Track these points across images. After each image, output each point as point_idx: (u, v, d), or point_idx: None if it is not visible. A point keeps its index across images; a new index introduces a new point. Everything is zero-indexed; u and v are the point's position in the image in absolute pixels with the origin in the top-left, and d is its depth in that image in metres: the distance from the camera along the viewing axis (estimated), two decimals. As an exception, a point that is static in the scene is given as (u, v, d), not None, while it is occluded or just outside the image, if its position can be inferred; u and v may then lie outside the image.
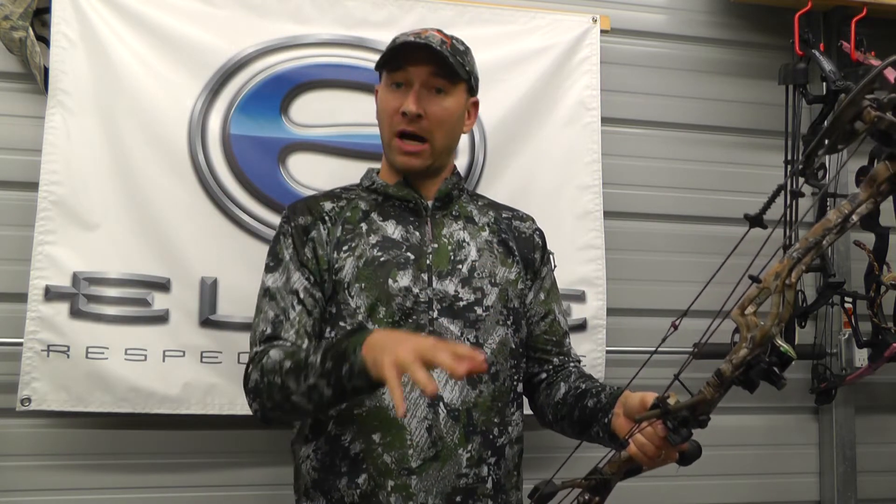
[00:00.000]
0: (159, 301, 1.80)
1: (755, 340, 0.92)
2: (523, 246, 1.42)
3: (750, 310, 0.93)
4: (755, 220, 0.95)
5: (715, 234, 2.25)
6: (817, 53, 2.03)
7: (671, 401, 0.99)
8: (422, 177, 1.37)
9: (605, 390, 1.28)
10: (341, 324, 1.28)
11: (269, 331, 1.27)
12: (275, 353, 1.20)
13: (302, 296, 1.29)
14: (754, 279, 0.92)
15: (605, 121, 2.12)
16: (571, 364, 1.44)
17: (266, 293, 1.32)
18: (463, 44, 1.37)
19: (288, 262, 1.32)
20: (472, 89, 1.40)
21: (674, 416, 0.97)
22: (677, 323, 0.98)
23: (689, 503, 2.07)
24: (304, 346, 1.26)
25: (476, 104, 1.43)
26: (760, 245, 2.36)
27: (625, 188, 2.19)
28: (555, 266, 1.51)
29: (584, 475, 1.06)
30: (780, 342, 0.91)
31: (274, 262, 1.34)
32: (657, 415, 0.98)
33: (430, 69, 1.31)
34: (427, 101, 1.31)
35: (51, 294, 1.75)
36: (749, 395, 0.99)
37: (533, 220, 1.49)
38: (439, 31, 1.34)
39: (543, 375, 1.42)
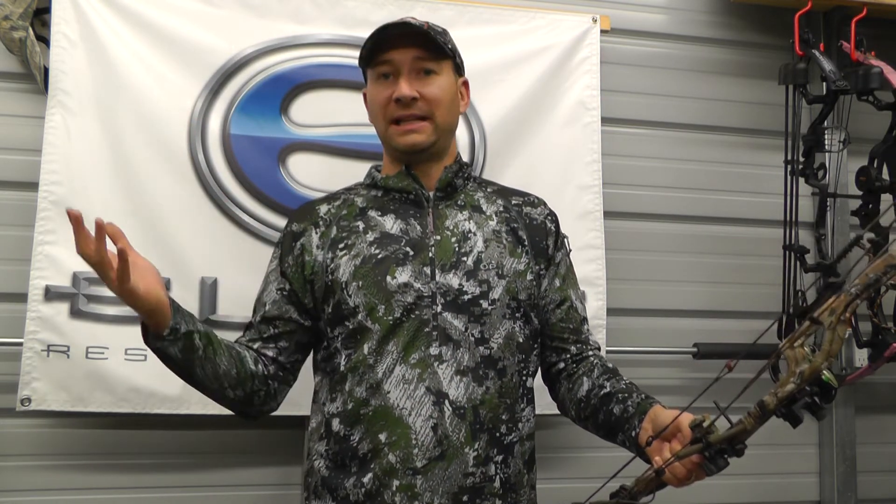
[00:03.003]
0: (159, 301, 1.80)
1: (803, 376, 0.91)
2: (534, 234, 1.38)
3: (798, 343, 0.92)
4: (828, 270, 0.94)
5: (715, 234, 2.25)
6: (817, 53, 2.03)
7: (705, 423, 0.98)
8: (423, 162, 1.35)
9: (632, 397, 1.23)
10: (346, 323, 1.27)
11: (241, 336, 1.36)
12: None
13: (267, 307, 1.33)
14: (814, 321, 0.91)
15: (605, 121, 2.12)
16: (591, 353, 1.39)
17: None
18: (440, 26, 1.36)
19: (270, 273, 1.37)
20: (459, 68, 1.39)
21: (713, 447, 0.97)
22: (732, 364, 0.98)
23: (690, 503, 2.07)
24: (255, 346, 1.33)
25: (466, 84, 1.41)
26: (761, 245, 2.36)
27: (625, 188, 2.19)
28: (570, 249, 1.47)
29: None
30: (823, 370, 0.91)
31: (266, 271, 1.39)
32: (698, 450, 0.98)
33: (414, 52, 1.29)
34: (419, 84, 1.30)
35: (51, 294, 1.75)
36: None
37: (545, 204, 1.45)
38: (413, 19, 1.32)
39: (562, 365, 1.39)
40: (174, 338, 1.15)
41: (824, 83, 2.02)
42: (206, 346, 1.20)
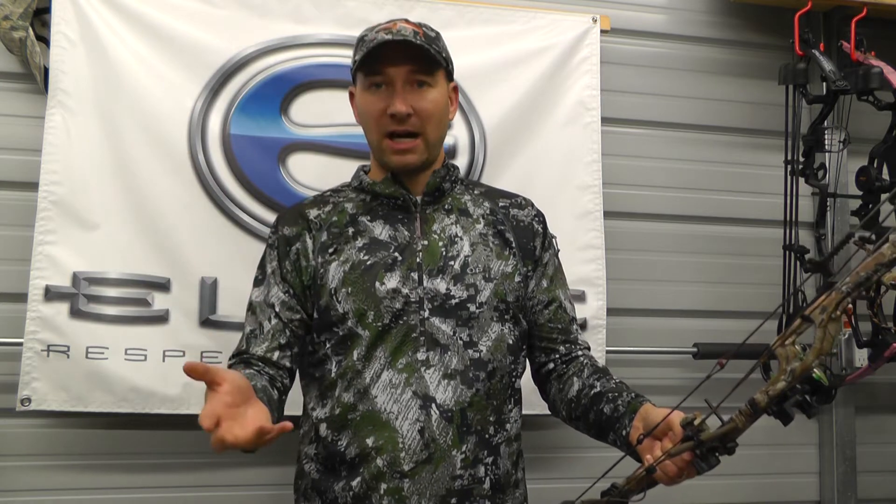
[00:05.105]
0: (159, 301, 1.81)
1: (794, 374, 0.91)
2: (521, 236, 1.38)
3: (790, 341, 0.92)
4: (819, 266, 0.94)
5: (715, 234, 2.25)
6: (817, 53, 2.03)
7: (696, 421, 0.98)
8: (412, 173, 1.34)
9: (622, 396, 1.23)
10: (334, 329, 1.27)
11: (242, 346, 1.31)
12: None
13: (278, 309, 1.30)
14: (805, 318, 0.91)
15: (605, 121, 2.12)
16: (580, 352, 1.39)
17: (249, 307, 1.35)
18: (433, 29, 1.34)
19: (270, 276, 1.34)
20: (450, 74, 1.38)
21: (704, 445, 0.97)
22: (724, 362, 0.98)
23: (689, 503, 2.07)
24: (275, 357, 1.28)
25: (456, 89, 1.40)
26: (761, 245, 2.36)
27: (625, 188, 2.19)
28: (558, 249, 1.47)
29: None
30: (814, 368, 0.91)
31: (260, 276, 1.36)
32: (690, 447, 0.98)
33: (409, 66, 1.28)
34: (413, 98, 1.28)
35: (51, 294, 1.75)
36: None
37: (532, 206, 1.44)
38: (407, 21, 1.31)
39: (552, 366, 1.38)
40: None
41: (824, 83, 2.02)
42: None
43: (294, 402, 1.44)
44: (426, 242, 1.31)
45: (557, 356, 1.38)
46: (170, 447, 1.88)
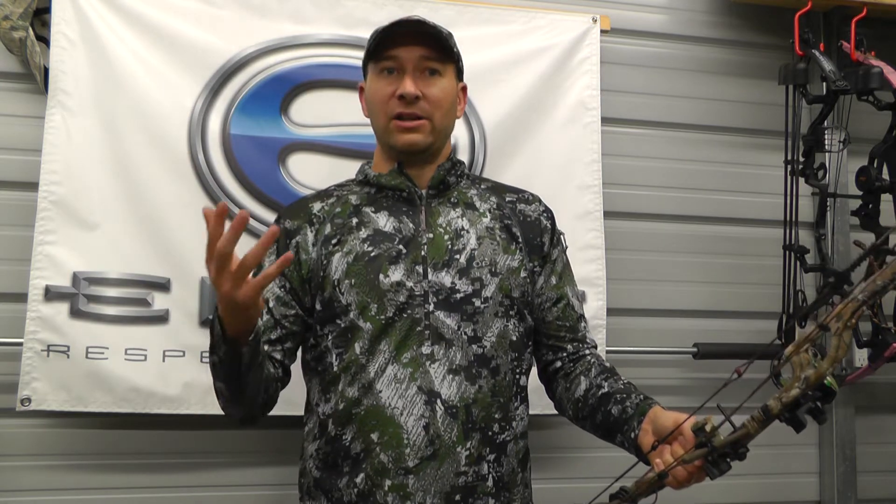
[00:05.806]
0: (159, 301, 1.81)
1: (808, 381, 0.91)
2: (528, 231, 1.37)
3: (804, 348, 0.91)
4: (842, 277, 0.94)
5: (715, 234, 2.25)
6: (817, 53, 2.03)
7: (707, 427, 0.98)
8: (417, 162, 1.34)
9: (631, 397, 1.23)
10: (337, 321, 1.27)
11: None
12: None
13: (271, 304, 1.29)
14: (823, 326, 0.90)
15: (605, 121, 2.12)
16: (587, 351, 1.39)
17: None
18: (445, 29, 1.35)
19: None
20: (460, 73, 1.39)
21: (716, 451, 0.97)
22: (742, 370, 0.97)
23: (690, 503, 2.07)
24: (265, 349, 1.26)
25: (464, 89, 1.41)
26: (761, 245, 2.35)
27: (625, 188, 2.19)
28: (566, 246, 1.46)
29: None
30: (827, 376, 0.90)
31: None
32: (703, 454, 0.98)
33: (421, 51, 1.29)
34: (423, 84, 1.29)
35: (51, 294, 1.75)
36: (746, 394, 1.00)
37: (539, 201, 1.44)
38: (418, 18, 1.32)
39: (559, 364, 1.38)
40: (253, 339, 1.12)
41: (824, 83, 2.02)
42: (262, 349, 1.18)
43: (294, 403, 1.44)
44: (431, 235, 1.30)
45: (565, 354, 1.38)
46: (170, 447, 1.88)
